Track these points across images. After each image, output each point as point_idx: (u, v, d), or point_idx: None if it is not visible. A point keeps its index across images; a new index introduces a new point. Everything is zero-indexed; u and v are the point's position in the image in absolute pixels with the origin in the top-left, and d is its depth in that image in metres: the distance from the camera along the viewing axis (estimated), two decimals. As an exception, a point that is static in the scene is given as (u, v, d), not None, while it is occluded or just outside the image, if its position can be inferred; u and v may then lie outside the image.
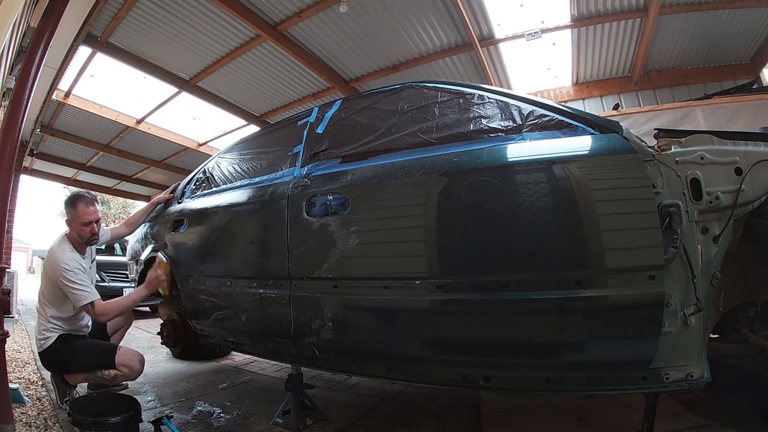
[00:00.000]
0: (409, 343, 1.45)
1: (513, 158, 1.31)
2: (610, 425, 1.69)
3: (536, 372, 1.25)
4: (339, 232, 1.53)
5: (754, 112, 3.54)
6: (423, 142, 1.53)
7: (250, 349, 1.99)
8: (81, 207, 2.03)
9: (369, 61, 5.06)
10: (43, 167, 8.90)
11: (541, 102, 1.42)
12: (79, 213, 2.02)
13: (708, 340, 1.22)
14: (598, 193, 1.17)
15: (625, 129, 1.23)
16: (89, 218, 2.04)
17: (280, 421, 1.84)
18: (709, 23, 4.25)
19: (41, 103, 5.07)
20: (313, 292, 1.61)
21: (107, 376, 1.97)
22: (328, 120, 1.93)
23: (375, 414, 2.03)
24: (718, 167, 1.13)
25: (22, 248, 33.07)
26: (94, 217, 2.07)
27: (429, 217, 1.39)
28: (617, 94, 5.26)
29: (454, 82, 1.69)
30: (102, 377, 1.98)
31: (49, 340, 1.97)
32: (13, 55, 2.58)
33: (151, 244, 2.60)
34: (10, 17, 1.59)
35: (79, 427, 1.60)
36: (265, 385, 2.59)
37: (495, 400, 2.01)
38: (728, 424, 1.56)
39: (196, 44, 4.61)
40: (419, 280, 1.38)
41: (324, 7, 3.97)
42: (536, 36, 4.40)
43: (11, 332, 2.38)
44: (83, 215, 2.03)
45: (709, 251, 1.11)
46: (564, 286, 1.16)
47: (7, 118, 1.95)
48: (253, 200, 1.95)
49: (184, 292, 2.24)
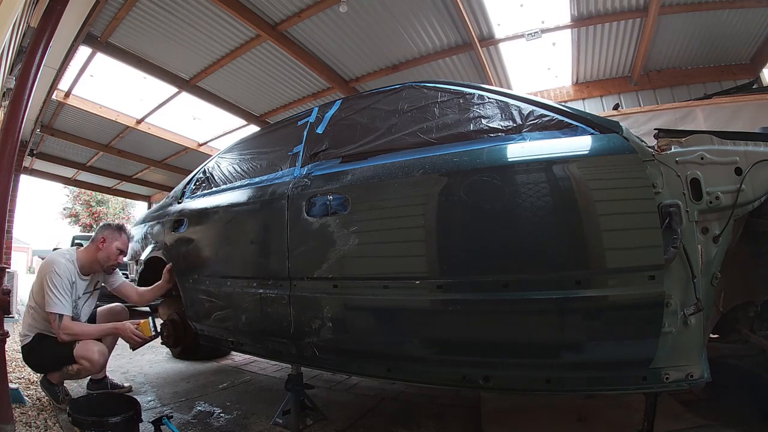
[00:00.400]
0: (409, 343, 1.45)
1: (513, 158, 1.31)
2: (610, 425, 1.69)
3: (536, 372, 1.25)
4: (339, 232, 1.53)
5: (754, 112, 3.54)
6: (423, 142, 1.53)
7: (250, 349, 1.99)
8: (124, 236, 2.21)
9: (369, 61, 5.06)
10: (43, 167, 8.90)
11: (541, 102, 1.42)
12: (121, 239, 2.18)
13: (708, 340, 1.22)
14: (598, 193, 1.17)
15: (625, 129, 1.23)
16: (124, 247, 2.20)
17: (280, 421, 1.84)
18: (709, 23, 4.25)
19: (41, 103, 5.07)
20: (313, 292, 1.61)
21: (71, 371, 1.97)
22: (328, 120, 1.93)
23: (375, 414, 2.03)
24: (718, 167, 1.13)
25: (22, 248, 33.04)
26: (126, 249, 2.24)
27: (429, 217, 1.39)
28: (617, 94, 5.26)
29: (454, 82, 1.69)
30: (68, 373, 1.99)
31: (27, 338, 2.00)
32: (13, 55, 2.58)
33: (151, 244, 2.60)
34: (10, 17, 1.59)
35: (79, 427, 1.60)
36: (265, 385, 2.59)
37: (495, 400, 2.01)
38: (728, 424, 1.56)
39: (196, 44, 4.61)
40: (419, 280, 1.38)
41: (324, 7, 3.97)
42: (536, 36, 4.41)
43: (11, 332, 2.38)
44: (123, 243, 2.19)
45: (709, 251, 1.11)
46: (564, 286, 1.16)
47: (7, 118, 1.95)
48: (253, 200, 1.95)
49: (184, 292, 2.24)
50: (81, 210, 20.32)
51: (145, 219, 2.89)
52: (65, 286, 1.96)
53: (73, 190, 19.97)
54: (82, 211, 20.29)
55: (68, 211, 20.83)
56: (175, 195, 2.64)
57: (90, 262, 2.12)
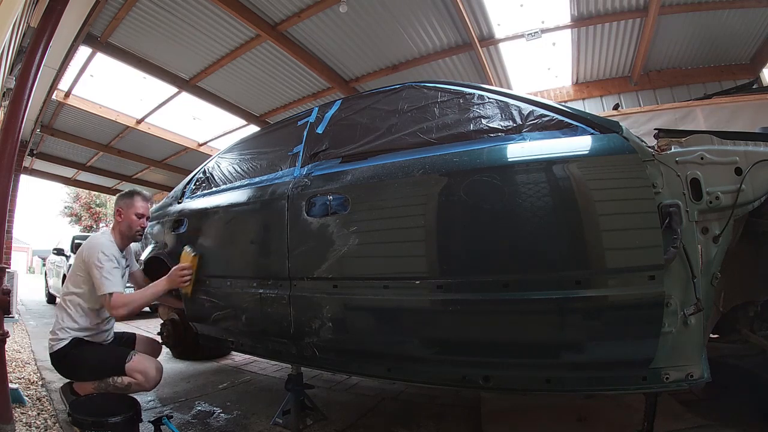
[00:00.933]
0: (409, 343, 1.45)
1: (513, 158, 1.31)
2: (610, 425, 1.69)
3: (536, 372, 1.25)
4: (339, 232, 1.53)
5: (754, 112, 3.55)
6: (423, 142, 1.53)
7: (250, 349, 1.99)
8: (138, 198, 2.11)
9: (369, 61, 5.06)
10: (43, 167, 8.91)
11: (541, 102, 1.42)
12: (135, 204, 2.09)
13: (708, 340, 1.22)
14: (598, 193, 1.17)
15: (625, 129, 1.23)
16: (143, 211, 2.11)
17: (280, 421, 1.84)
18: (709, 23, 4.25)
19: (41, 103, 5.08)
20: (313, 292, 1.61)
21: (120, 384, 1.82)
22: (328, 120, 1.93)
23: (375, 414, 2.03)
24: (718, 167, 1.14)
25: (22, 248, 33.09)
26: (147, 213, 2.14)
27: (429, 217, 1.39)
28: (617, 94, 5.27)
29: (454, 82, 1.69)
30: (114, 385, 1.83)
31: (61, 342, 1.86)
32: (13, 55, 2.58)
33: (151, 244, 2.60)
34: (10, 17, 1.59)
35: (79, 427, 1.60)
36: (265, 385, 2.59)
37: (495, 400, 2.01)
38: (728, 424, 1.56)
39: (196, 44, 4.61)
40: (419, 280, 1.37)
41: (324, 7, 3.97)
42: (536, 36, 4.41)
43: (11, 332, 2.38)
44: (140, 206, 2.10)
45: (709, 251, 1.11)
46: (564, 286, 1.16)
47: (7, 118, 1.95)
48: (253, 200, 1.95)
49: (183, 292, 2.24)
50: (81, 211, 20.35)
51: None
52: (114, 265, 1.91)
53: (73, 190, 20.00)
54: (83, 212, 20.32)
55: (69, 210, 20.85)
56: (175, 195, 2.64)
57: (120, 238, 2.07)
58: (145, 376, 1.84)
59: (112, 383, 1.83)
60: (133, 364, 1.85)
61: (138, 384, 1.84)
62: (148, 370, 1.86)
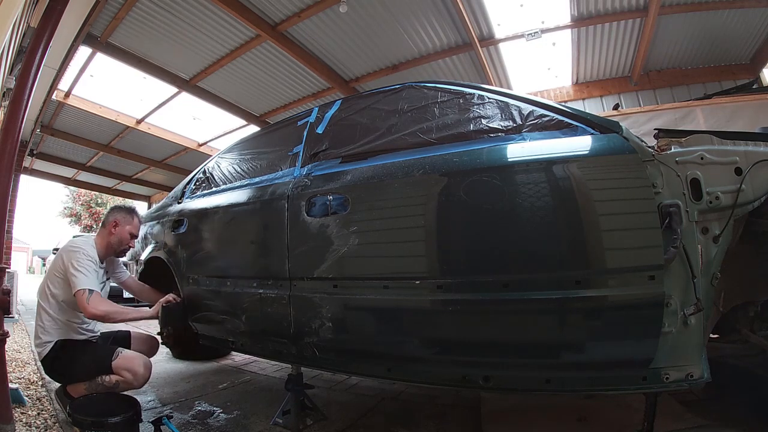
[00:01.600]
0: (409, 343, 1.45)
1: (513, 158, 1.31)
2: (610, 425, 1.69)
3: (536, 372, 1.25)
4: (339, 232, 1.52)
5: (754, 112, 3.54)
6: (423, 142, 1.53)
7: (250, 349, 1.99)
8: (137, 219, 2.19)
9: (369, 61, 5.06)
10: (43, 167, 8.91)
11: (541, 102, 1.42)
12: (133, 222, 2.16)
13: (708, 340, 1.22)
14: (598, 193, 1.17)
15: (625, 129, 1.23)
16: (137, 232, 2.19)
17: (280, 421, 1.84)
18: (709, 23, 4.26)
19: (41, 103, 5.08)
20: (313, 292, 1.60)
21: (108, 382, 1.81)
22: (328, 120, 1.93)
23: (375, 414, 2.03)
24: (718, 167, 1.13)
25: (22, 248, 33.09)
26: (137, 235, 2.21)
27: (429, 217, 1.39)
28: (617, 94, 5.27)
29: (454, 82, 1.69)
30: (103, 384, 1.82)
31: (46, 346, 1.85)
32: (13, 55, 2.58)
33: (151, 244, 2.60)
34: (10, 17, 1.59)
35: (79, 427, 1.60)
36: (265, 385, 2.59)
37: (495, 400, 2.01)
38: (728, 424, 1.55)
39: (196, 44, 4.62)
40: (419, 280, 1.37)
41: (324, 7, 3.97)
42: (536, 36, 4.41)
43: (11, 332, 2.38)
44: (135, 227, 2.17)
45: (709, 251, 1.11)
46: (564, 286, 1.16)
47: (7, 118, 1.95)
48: (253, 200, 1.95)
49: (184, 292, 2.24)
50: (81, 211, 20.35)
51: (145, 219, 2.88)
52: (91, 266, 1.91)
53: (73, 190, 19.99)
54: (83, 212, 20.31)
55: (69, 210, 20.84)
56: (175, 195, 2.64)
57: (105, 247, 2.06)
58: (133, 374, 1.82)
59: (100, 382, 1.82)
60: (120, 361, 1.83)
61: (126, 382, 1.83)
62: (135, 367, 1.83)
